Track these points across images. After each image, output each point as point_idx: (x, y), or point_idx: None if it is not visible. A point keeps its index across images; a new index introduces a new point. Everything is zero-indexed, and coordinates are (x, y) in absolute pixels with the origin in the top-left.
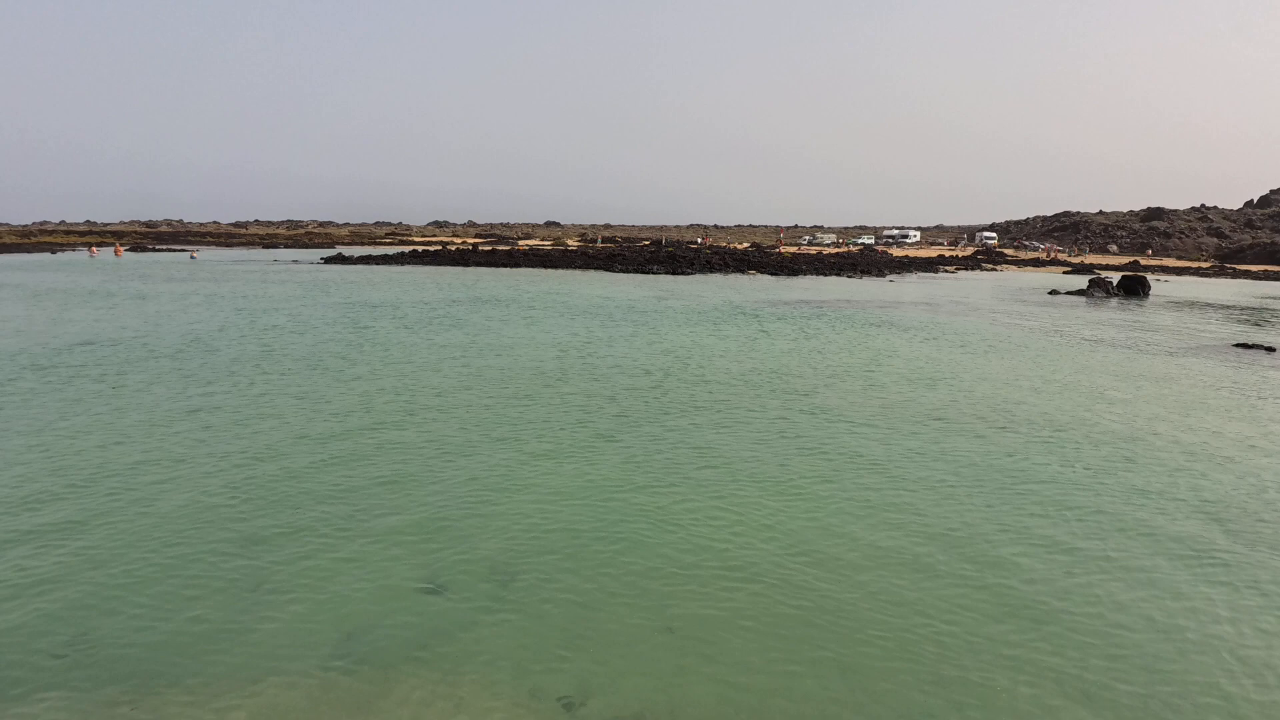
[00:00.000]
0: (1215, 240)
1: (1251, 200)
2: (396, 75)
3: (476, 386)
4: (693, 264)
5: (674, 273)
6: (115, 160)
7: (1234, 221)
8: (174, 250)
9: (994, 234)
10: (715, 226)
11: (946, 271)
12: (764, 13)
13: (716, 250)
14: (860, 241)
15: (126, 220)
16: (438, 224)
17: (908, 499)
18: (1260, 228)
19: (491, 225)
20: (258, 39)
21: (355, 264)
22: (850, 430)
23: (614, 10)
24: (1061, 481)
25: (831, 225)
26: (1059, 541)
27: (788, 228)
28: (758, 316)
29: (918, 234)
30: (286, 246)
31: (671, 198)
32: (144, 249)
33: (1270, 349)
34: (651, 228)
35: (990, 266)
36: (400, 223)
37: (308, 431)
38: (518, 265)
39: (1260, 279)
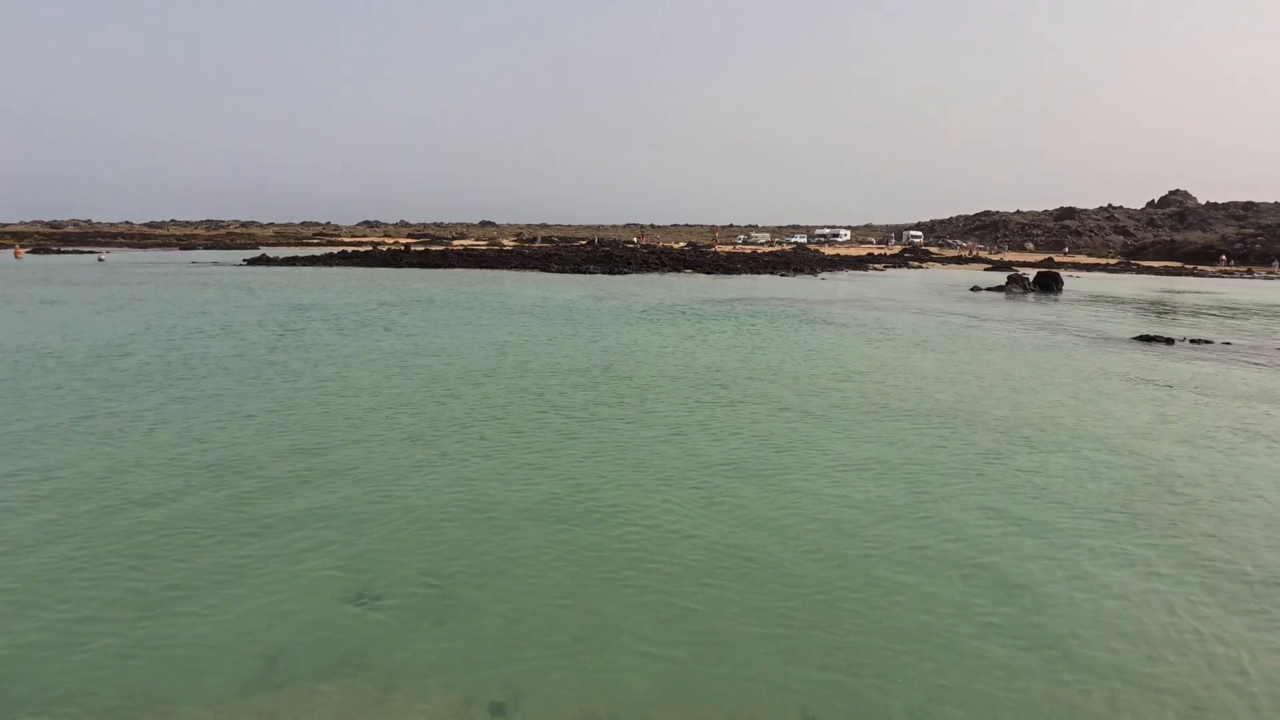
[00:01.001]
0: (1121, 238)
1: (1153, 200)
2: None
3: (410, 390)
4: (629, 263)
5: (610, 272)
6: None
7: (1138, 220)
8: (81, 252)
9: (920, 233)
10: (651, 226)
11: (876, 269)
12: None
13: (653, 250)
14: (793, 240)
15: (28, 220)
16: (368, 224)
17: (839, 490)
18: (1161, 226)
19: (425, 225)
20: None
21: (281, 265)
22: (788, 426)
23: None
24: (974, 464)
25: (765, 225)
26: (961, 518)
27: (723, 227)
28: (694, 315)
29: (848, 233)
30: (206, 248)
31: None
32: (47, 251)
33: (1169, 341)
34: (588, 227)
35: (917, 264)
36: (329, 223)
37: (227, 440)
38: (452, 266)
39: (1161, 274)
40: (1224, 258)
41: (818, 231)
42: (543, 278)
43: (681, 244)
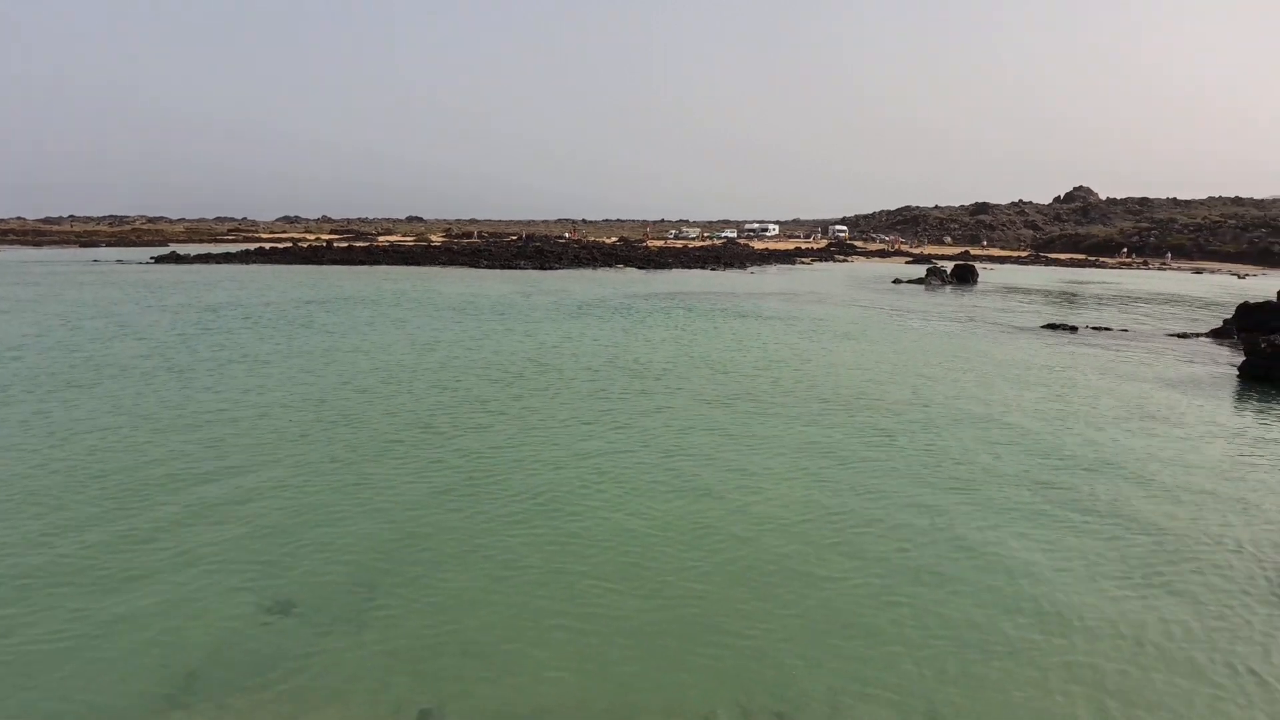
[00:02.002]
0: (1031, 232)
1: (1059, 196)
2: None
3: (329, 390)
4: (561, 259)
5: (542, 268)
6: None
7: (1046, 215)
8: None
9: (845, 228)
10: (583, 221)
11: (803, 263)
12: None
13: (585, 245)
14: (723, 236)
15: None
16: (288, 219)
17: (761, 480)
18: (1066, 220)
19: (349, 221)
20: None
21: (192, 263)
22: (716, 418)
23: None
24: (890, 451)
25: (696, 220)
26: (876, 504)
27: (654, 222)
28: (625, 310)
29: (776, 228)
30: (109, 245)
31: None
32: None
33: (1073, 329)
34: (519, 223)
35: (842, 258)
36: (245, 218)
37: (131, 446)
38: (377, 263)
39: (1067, 266)
40: (1124, 250)
41: (747, 226)
42: (472, 274)
43: (613, 239)
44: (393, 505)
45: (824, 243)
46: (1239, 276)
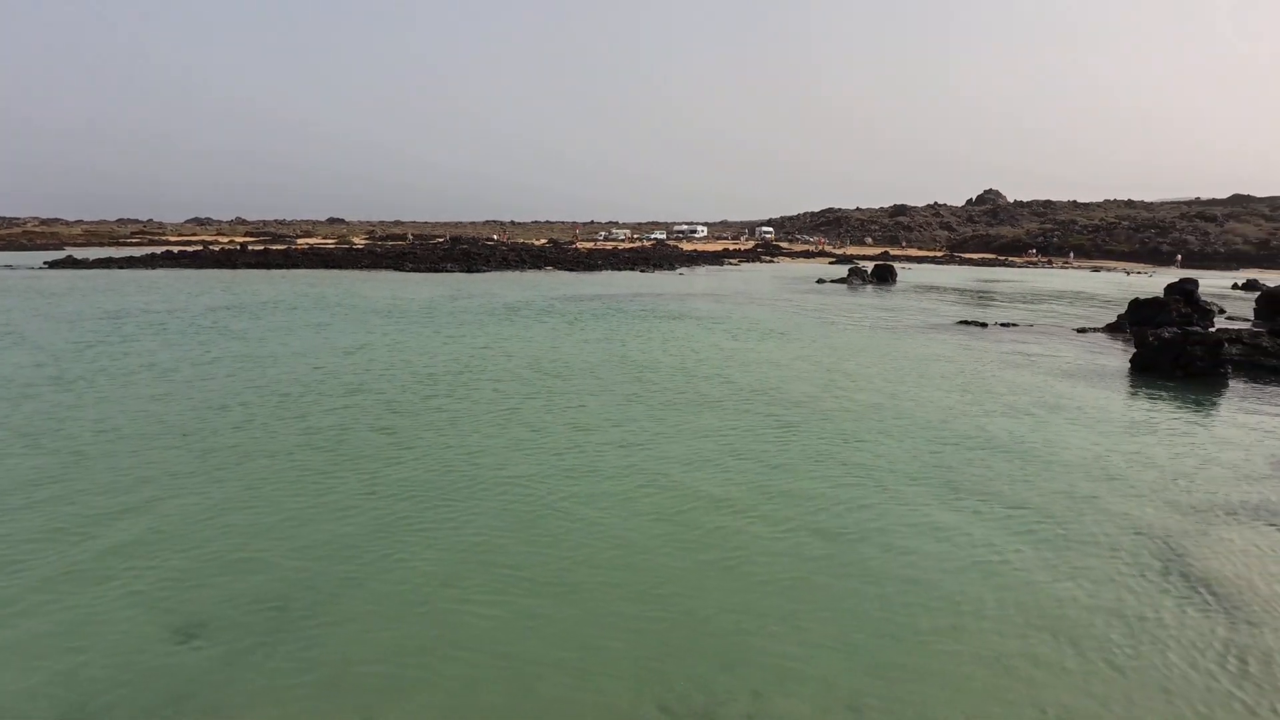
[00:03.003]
0: (946, 233)
1: (971, 199)
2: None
3: (242, 398)
4: (489, 261)
5: (469, 270)
6: None
7: (959, 216)
8: None
9: (771, 229)
10: (512, 223)
11: (731, 264)
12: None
13: (514, 247)
14: (653, 237)
15: None
16: (198, 221)
17: (683, 478)
18: (978, 221)
19: (265, 223)
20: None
21: (92, 268)
22: (640, 417)
23: None
24: (810, 446)
25: (626, 221)
26: (797, 497)
27: (584, 224)
28: (555, 313)
29: (705, 229)
30: None
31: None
32: None
33: (984, 325)
34: (446, 224)
35: (769, 259)
36: (151, 220)
37: (31, 463)
38: (296, 266)
39: (979, 265)
40: (1030, 250)
41: (676, 228)
42: (397, 277)
43: (543, 241)
44: (307, 518)
45: (751, 244)
46: (1126, 274)
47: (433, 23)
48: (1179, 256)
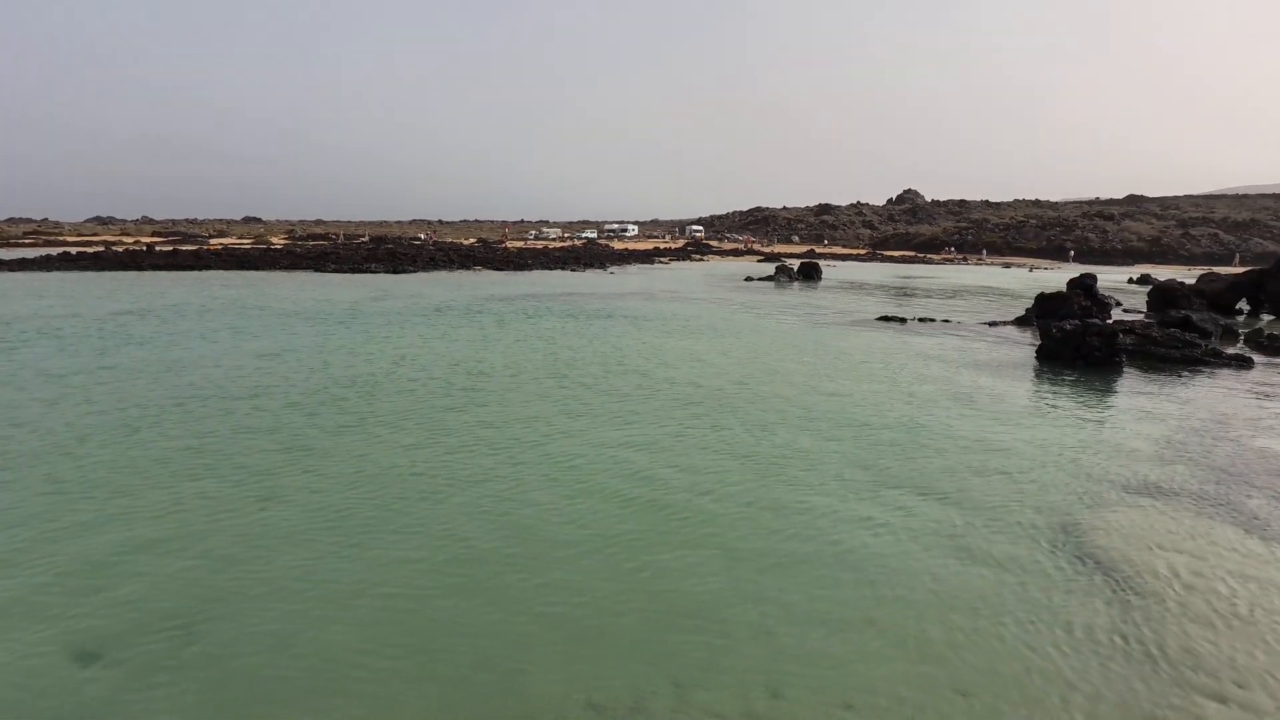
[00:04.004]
0: (869, 231)
1: (892, 198)
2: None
3: (148, 407)
4: (415, 261)
5: (395, 271)
6: None
7: (881, 215)
8: None
9: (701, 228)
10: (440, 222)
11: (662, 263)
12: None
13: (441, 246)
14: (584, 236)
15: None
16: (100, 220)
17: (606, 475)
18: (899, 220)
19: (174, 222)
20: None
21: None
22: (565, 418)
23: None
24: (732, 441)
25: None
26: (717, 492)
27: (514, 223)
28: (484, 313)
29: (636, 228)
30: None
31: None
32: None
33: (903, 320)
34: (370, 223)
35: (699, 257)
36: (46, 219)
37: None
38: (209, 268)
39: (900, 262)
40: (948, 247)
41: (607, 227)
42: (318, 279)
43: (472, 240)
44: (213, 530)
45: (681, 242)
46: (1029, 270)
47: (361, 10)
48: (1072, 253)
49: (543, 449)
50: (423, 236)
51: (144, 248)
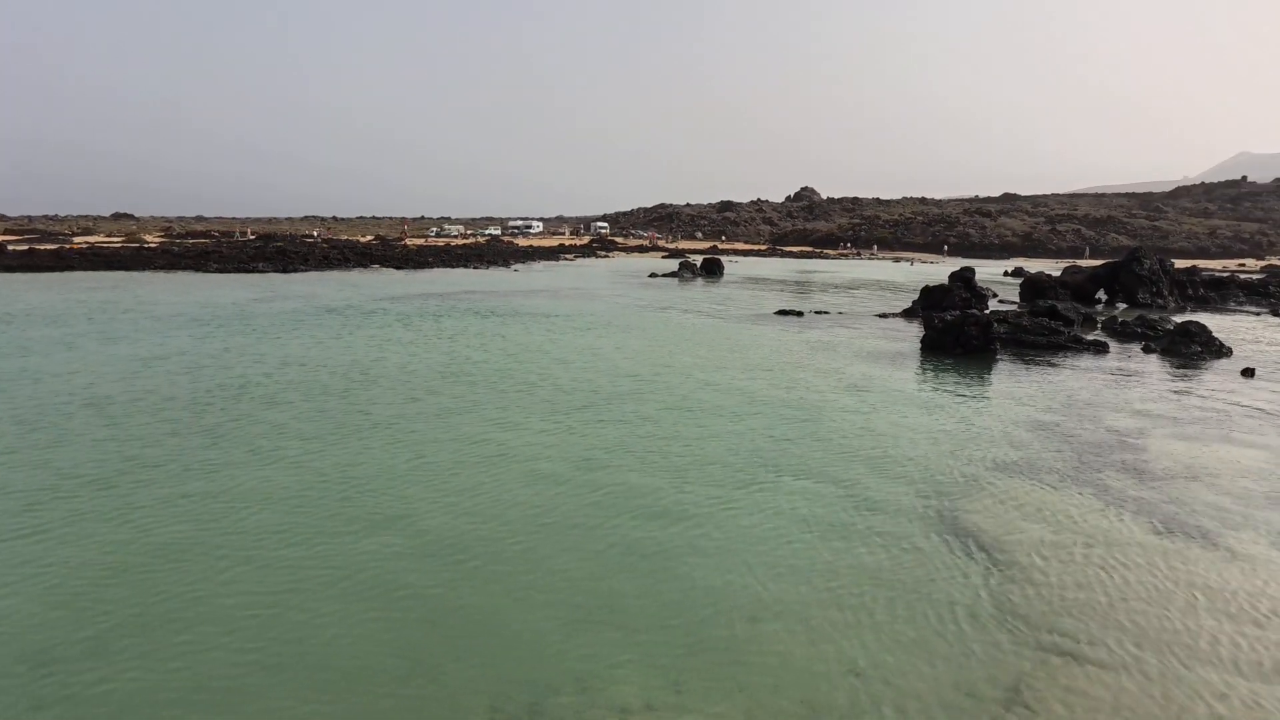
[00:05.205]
0: (769, 228)
1: (790, 196)
2: None
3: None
4: (307, 260)
5: (284, 270)
6: None
7: (780, 212)
8: None
9: (606, 224)
10: (334, 219)
11: (567, 259)
12: None
13: (335, 244)
14: (487, 233)
15: None
16: None
17: (500, 477)
18: (797, 217)
19: (30, 218)
20: None
21: None
22: (460, 418)
23: None
24: (632, 437)
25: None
26: (616, 490)
27: (414, 219)
28: (377, 313)
29: (540, 225)
30: None
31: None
32: None
33: (800, 314)
34: (258, 220)
35: (604, 254)
36: None
37: None
38: (72, 269)
39: (799, 257)
40: (844, 243)
41: (511, 224)
42: (199, 279)
43: (369, 238)
44: (69, 560)
45: (586, 239)
46: (910, 263)
47: None
48: (945, 247)
49: (434, 449)
50: (316, 234)
51: None
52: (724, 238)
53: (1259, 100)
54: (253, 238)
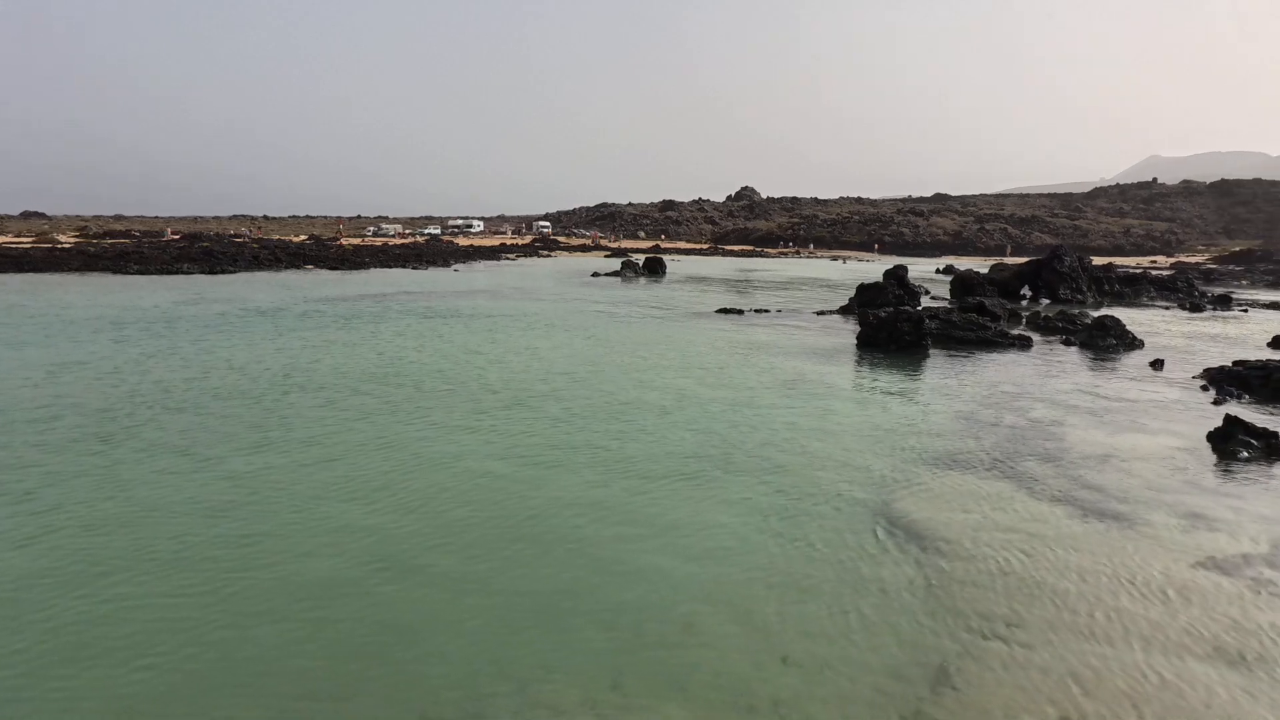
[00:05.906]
0: (711, 227)
1: (731, 195)
2: None
3: None
4: (237, 261)
5: (213, 272)
6: None
7: (721, 211)
8: None
9: (548, 224)
10: (265, 218)
11: (509, 259)
12: None
13: (266, 244)
14: (426, 232)
15: None
16: None
17: (425, 481)
18: (738, 216)
19: None
20: None
21: None
22: (397, 425)
23: None
24: (573, 436)
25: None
26: (559, 490)
27: (350, 218)
28: (310, 315)
29: (481, 224)
30: None
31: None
32: None
33: (740, 312)
34: (183, 219)
35: (547, 253)
36: None
37: None
38: None
39: (740, 256)
40: (785, 242)
41: (451, 223)
42: (119, 282)
43: (302, 237)
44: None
45: (529, 239)
46: (843, 261)
47: None
48: (876, 246)
49: (360, 454)
50: (246, 233)
51: None
52: (665, 237)
53: (1168, 106)
54: (176, 237)
